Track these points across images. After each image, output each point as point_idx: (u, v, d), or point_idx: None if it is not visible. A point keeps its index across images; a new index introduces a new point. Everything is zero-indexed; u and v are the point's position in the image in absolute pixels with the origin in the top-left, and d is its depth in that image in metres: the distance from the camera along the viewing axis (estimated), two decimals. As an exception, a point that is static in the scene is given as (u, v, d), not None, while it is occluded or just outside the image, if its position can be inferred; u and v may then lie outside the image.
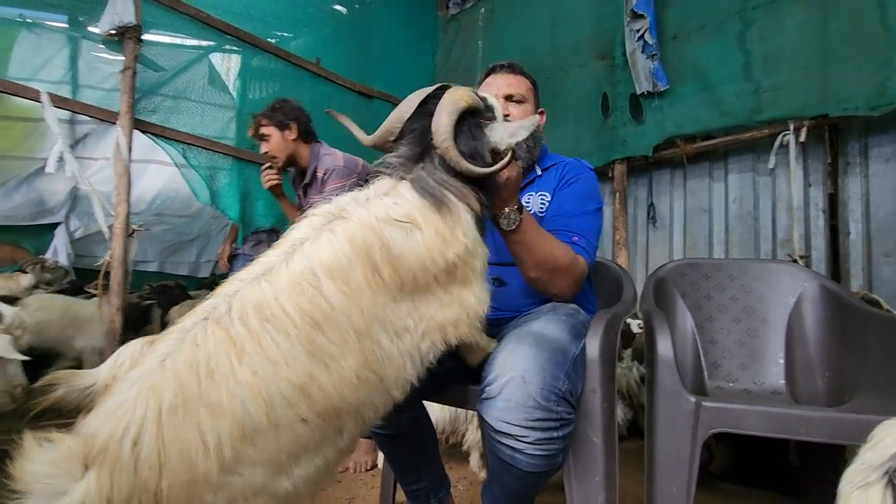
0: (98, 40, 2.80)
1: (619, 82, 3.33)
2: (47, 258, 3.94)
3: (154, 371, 0.71)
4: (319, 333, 0.78)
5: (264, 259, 0.86)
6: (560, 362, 1.10)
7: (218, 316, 0.77)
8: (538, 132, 1.46)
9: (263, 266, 0.84)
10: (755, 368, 1.81)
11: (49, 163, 2.20)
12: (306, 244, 0.85)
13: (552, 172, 1.45)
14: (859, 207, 2.66)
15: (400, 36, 4.31)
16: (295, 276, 0.81)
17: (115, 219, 2.33)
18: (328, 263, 0.83)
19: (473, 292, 1.01)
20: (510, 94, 1.44)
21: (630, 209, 3.43)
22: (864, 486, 0.77)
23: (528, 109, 1.45)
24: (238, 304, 0.78)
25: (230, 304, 0.78)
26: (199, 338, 0.74)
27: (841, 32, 2.55)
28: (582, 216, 1.34)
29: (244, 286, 0.81)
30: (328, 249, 0.84)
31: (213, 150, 2.85)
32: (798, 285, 1.83)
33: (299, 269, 0.82)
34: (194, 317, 0.78)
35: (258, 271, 0.83)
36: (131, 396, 0.69)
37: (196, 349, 0.73)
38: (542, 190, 1.42)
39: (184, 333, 0.75)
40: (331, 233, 0.86)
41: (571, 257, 1.25)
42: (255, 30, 3.20)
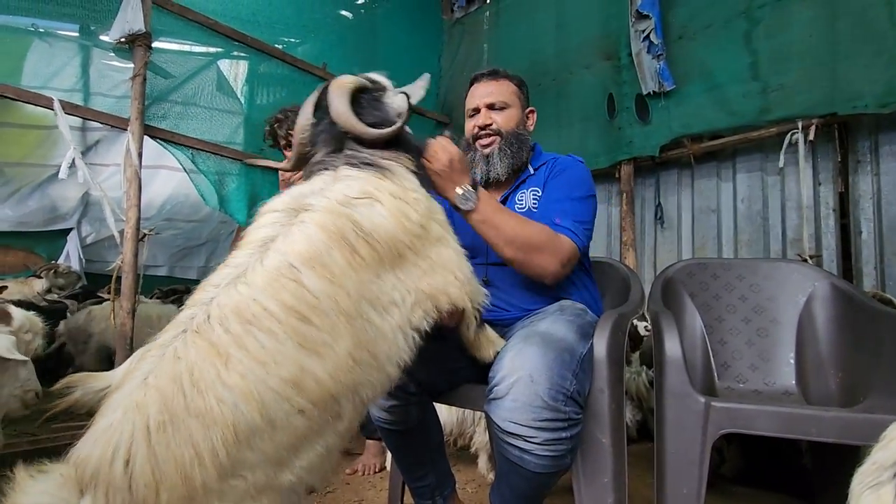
0: (109, 48, 2.85)
1: (624, 83, 3.32)
2: (60, 263, 4.01)
3: (137, 389, 0.71)
4: (307, 325, 0.78)
5: (234, 261, 0.86)
6: (567, 362, 1.10)
7: (197, 326, 0.76)
8: (524, 133, 1.46)
9: (236, 269, 0.84)
10: (766, 369, 1.79)
11: (62, 169, 2.23)
12: (277, 241, 0.86)
13: (543, 170, 1.46)
14: (870, 206, 2.63)
15: (405, 40, 4.33)
16: (272, 273, 0.81)
17: (125, 224, 2.35)
18: (306, 254, 0.83)
19: (451, 247, 1.03)
20: (491, 103, 1.45)
21: (637, 210, 3.41)
22: (876, 486, 0.76)
23: (513, 114, 1.46)
24: (216, 311, 0.77)
25: (208, 312, 0.77)
26: (180, 350, 0.74)
27: (849, 30, 2.53)
28: (566, 201, 1.34)
29: (220, 292, 0.80)
30: (303, 241, 0.84)
31: (222, 155, 2.88)
32: (808, 284, 1.81)
33: (275, 266, 0.82)
34: (173, 330, 0.78)
35: (231, 275, 0.82)
36: (117, 418, 0.69)
37: (178, 362, 0.72)
38: (534, 186, 1.43)
39: (163, 349, 0.75)
40: (302, 224, 0.87)
41: (549, 234, 1.24)
42: (262, 36, 3.23)
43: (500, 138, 1.43)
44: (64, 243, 4.54)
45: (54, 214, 4.52)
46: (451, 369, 1.34)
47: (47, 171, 4.30)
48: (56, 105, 2.19)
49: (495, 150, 1.43)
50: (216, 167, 2.94)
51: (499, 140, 1.43)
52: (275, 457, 0.76)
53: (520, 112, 1.48)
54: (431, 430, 1.40)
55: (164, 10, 2.61)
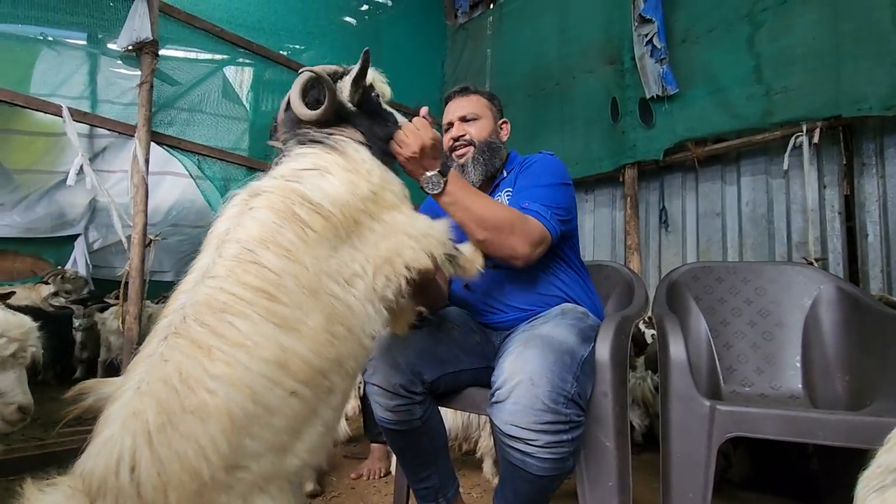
0: (116, 56, 2.88)
1: (628, 87, 3.33)
2: (67, 269, 4.04)
3: (132, 399, 0.71)
4: (276, 303, 0.79)
5: (198, 264, 0.86)
6: (568, 364, 1.10)
7: (175, 328, 0.77)
8: (497, 142, 1.51)
9: (199, 269, 0.84)
10: (771, 372, 1.78)
11: (70, 175, 2.26)
12: (231, 232, 0.86)
13: (515, 170, 1.50)
14: (876, 208, 2.62)
15: (409, 45, 4.36)
16: (231, 260, 0.82)
17: (132, 229, 2.38)
18: (258, 236, 0.84)
19: (403, 213, 1.03)
20: (462, 116, 1.51)
21: (642, 214, 3.41)
22: (881, 490, 0.75)
23: (485, 125, 1.50)
24: (190, 311, 0.78)
25: (183, 314, 0.78)
26: (165, 353, 0.75)
27: (852, 32, 2.53)
28: (535, 188, 1.35)
29: (189, 293, 0.81)
30: (254, 225, 0.86)
31: (228, 161, 2.90)
32: (814, 287, 1.80)
33: (233, 253, 0.82)
34: (155, 338, 0.78)
35: (197, 276, 0.83)
36: (116, 428, 0.69)
37: (165, 365, 0.73)
38: (507, 187, 1.47)
39: (150, 357, 0.76)
40: (251, 210, 0.88)
41: (518, 216, 1.25)
42: (267, 43, 3.26)
43: (473, 148, 1.48)
44: (71, 249, 4.58)
45: (62, 220, 4.56)
46: (456, 371, 1.35)
47: (55, 177, 4.34)
48: (65, 112, 2.22)
49: (469, 159, 1.47)
50: (222, 173, 2.96)
51: (472, 150, 1.48)
52: (276, 443, 0.77)
53: (492, 123, 1.53)
54: (435, 431, 1.40)
55: (171, 17, 2.65)
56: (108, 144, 4.50)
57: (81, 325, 3.69)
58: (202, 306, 0.78)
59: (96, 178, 2.31)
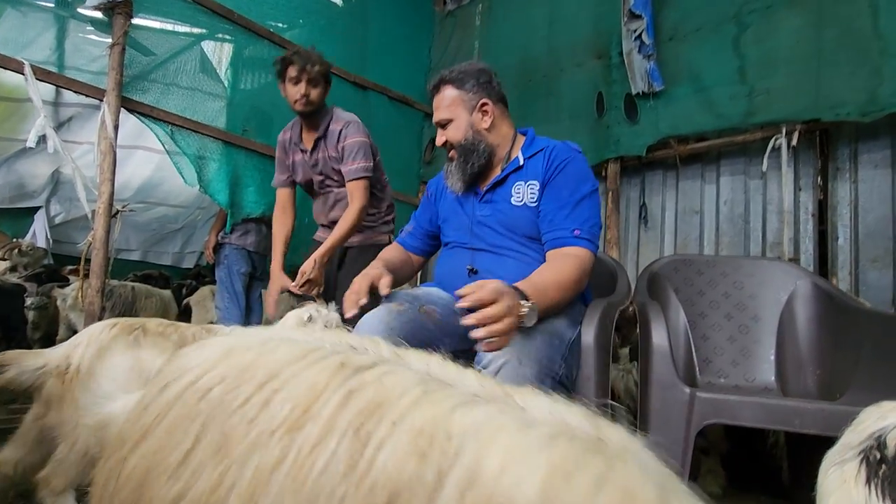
0: (86, 21, 2.73)
1: (614, 82, 3.33)
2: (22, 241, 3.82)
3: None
4: None
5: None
6: (556, 346, 1.09)
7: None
8: (474, 139, 1.45)
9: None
10: (746, 365, 1.81)
11: (30, 137, 2.12)
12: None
13: (539, 159, 1.43)
14: (848, 212, 2.69)
15: (396, 29, 4.27)
16: None
17: (98, 199, 2.25)
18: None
19: None
20: (438, 122, 1.49)
21: (622, 208, 3.43)
22: (841, 463, 0.79)
23: (459, 124, 1.46)
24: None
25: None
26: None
27: (834, 38, 2.58)
28: (578, 204, 1.33)
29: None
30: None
31: (203, 134, 2.78)
32: (790, 283, 1.83)
33: None
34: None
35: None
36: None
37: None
38: (531, 179, 1.41)
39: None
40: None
41: (576, 266, 1.25)
42: (249, 15, 3.14)
43: (457, 153, 1.48)
44: (30, 222, 4.35)
45: (21, 192, 4.32)
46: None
47: (15, 145, 4.11)
48: (27, 70, 2.08)
49: (454, 164, 1.49)
50: (197, 147, 2.84)
51: (457, 155, 1.48)
52: None
53: (466, 118, 1.45)
54: None
55: (146, -22, 2.51)
56: (75, 114, 4.28)
57: (34, 303, 3.47)
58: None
59: (60, 142, 2.17)
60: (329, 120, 2.23)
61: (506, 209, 1.41)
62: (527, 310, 1.09)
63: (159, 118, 2.59)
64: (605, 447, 0.47)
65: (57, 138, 2.17)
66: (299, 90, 2.14)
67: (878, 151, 2.61)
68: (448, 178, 1.51)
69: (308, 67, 2.13)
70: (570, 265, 1.24)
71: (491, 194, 1.45)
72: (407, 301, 1.31)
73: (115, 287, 3.32)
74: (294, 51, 2.22)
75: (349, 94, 3.77)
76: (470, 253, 1.44)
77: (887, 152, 2.59)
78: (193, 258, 5.46)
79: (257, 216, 3.06)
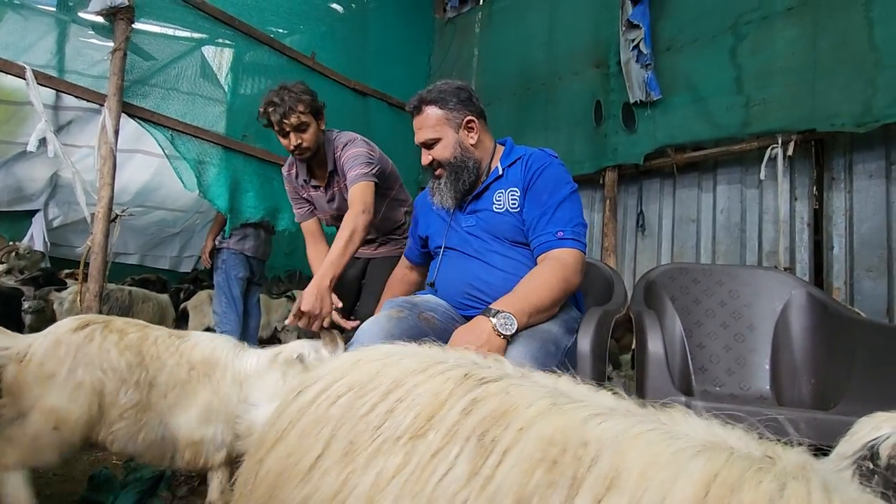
0: (88, 25, 2.74)
1: (612, 90, 3.36)
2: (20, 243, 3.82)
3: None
4: None
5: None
6: (552, 353, 1.10)
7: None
8: (462, 157, 1.45)
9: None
10: (742, 373, 1.81)
11: (31, 141, 2.13)
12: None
13: (517, 167, 1.47)
14: (843, 222, 2.71)
15: (396, 36, 4.31)
16: None
17: (97, 203, 2.25)
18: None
19: None
20: (423, 142, 1.47)
21: (619, 216, 3.45)
22: (836, 473, 0.78)
23: (446, 143, 1.46)
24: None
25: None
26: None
27: (830, 50, 2.61)
28: (559, 207, 1.36)
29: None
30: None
31: (202, 139, 2.79)
32: (785, 292, 1.84)
33: None
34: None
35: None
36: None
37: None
38: (511, 186, 1.44)
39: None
40: None
41: (559, 267, 1.28)
42: (250, 21, 3.16)
43: (444, 170, 1.47)
44: (28, 225, 4.35)
45: (19, 195, 4.32)
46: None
47: (14, 148, 4.11)
48: (28, 74, 2.09)
49: (442, 182, 1.48)
50: (197, 151, 2.85)
51: (444, 172, 1.48)
52: None
53: (452, 136, 1.46)
54: None
55: (149, -15, 2.53)
56: (75, 118, 4.29)
57: (32, 307, 3.45)
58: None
59: (60, 146, 2.18)
60: (333, 150, 2.03)
61: (489, 217, 1.44)
62: (501, 321, 1.12)
63: (159, 123, 2.60)
64: (775, 464, 0.44)
65: (57, 142, 2.18)
66: (290, 142, 1.94)
67: (873, 162, 2.64)
68: (435, 195, 1.52)
69: (288, 119, 1.89)
70: (552, 267, 1.28)
71: (474, 205, 1.49)
72: (406, 308, 1.31)
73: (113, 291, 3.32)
74: (268, 100, 1.94)
75: (349, 100, 3.80)
76: (460, 259, 1.46)
77: (882, 163, 2.61)
78: (191, 262, 5.47)
79: (256, 221, 3.07)
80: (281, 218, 3.15)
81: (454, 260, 1.48)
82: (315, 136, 1.95)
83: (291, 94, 1.90)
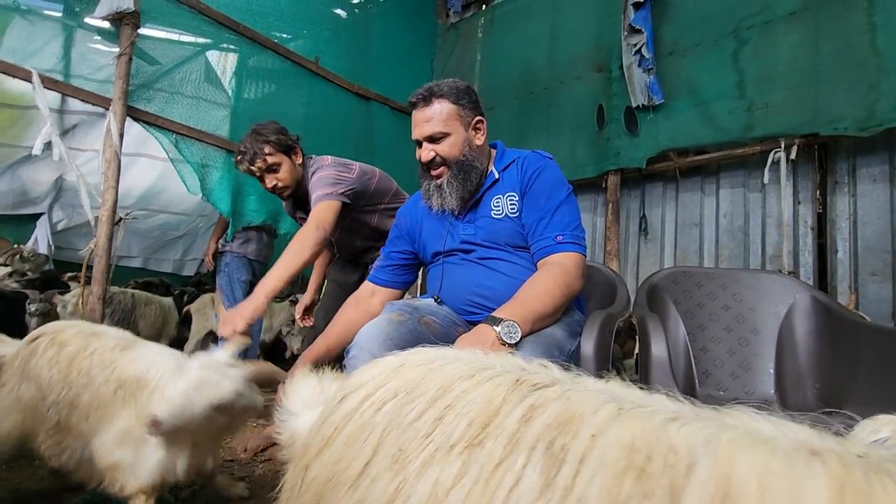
0: (94, 31, 2.76)
1: (614, 95, 3.37)
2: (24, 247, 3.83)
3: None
4: None
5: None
6: (556, 357, 1.09)
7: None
8: (470, 156, 1.40)
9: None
10: (746, 378, 1.80)
11: (36, 144, 2.14)
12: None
13: (513, 171, 1.44)
14: (847, 226, 2.70)
15: (399, 41, 4.33)
16: None
17: (101, 206, 2.26)
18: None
19: None
20: (429, 136, 1.38)
21: (622, 220, 3.45)
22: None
23: (455, 140, 1.39)
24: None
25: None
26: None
27: (832, 54, 2.61)
28: (557, 210, 1.34)
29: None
30: None
31: (206, 142, 2.81)
32: (789, 296, 1.83)
33: None
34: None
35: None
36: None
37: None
38: (509, 191, 1.41)
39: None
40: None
41: (560, 273, 1.26)
42: (254, 27, 3.18)
43: (447, 168, 1.40)
44: (33, 228, 4.36)
45: (24, 198, 4.34)
46: None
47: (19, 152, 4.13)
48: (35, 78, 2.11)
49: (445, 181, 1.40)
50: (200, 155, 2.87)
51: (446, 171, 1.40)
52: None
53: (462, 133, 1.40)
54: None
55: (154, -10, 2.55)
56: (80, 122, 4.32)
57: (38, 310, 3.46)
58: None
59: (65, 149, 2.19)
60: (307, 179, 1.99)
61: (488, 224, 1.41)
62: (506, 329, 1.10)
63: (164, 126, 2.62)
64: (883, 465, 0.40)
65: (63, 146, 2.19)
66: (266, 185, 1.95)
67: (877, 166, 2.64)
68: (433, 198, 1.43)
69: (255, 164, 1.89)
70: (554, 272, 1.26)
71: (473, 213, 1.44)
72: (407, 312, 1.31)
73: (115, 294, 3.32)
74: (238, 149, 1.95)
75: (352, 104, 3.81)
76: (463, 266, 1.43)
77: (885, 167, 2.61)
78: (194, 266, 5.47)
79: (258, 224, 3.07)
80: (283, 221, 3.16)
81: (456, 267, 1.45)
82: (290, 173, 1.95)
83: (258, 137, 1.90)
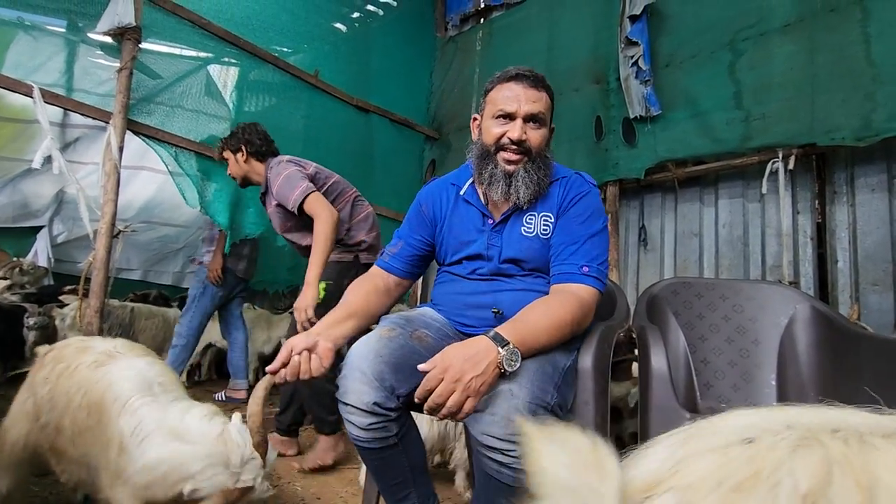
0: (96, 45, 2.80)
1: (612, 106, 3.39)
2: (23, 260, 3.83)
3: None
4: None
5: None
6: (549, 374, 1.08)
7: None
8: (549, 156, 1.32)
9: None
10: (747, 390, 1.78)
11: (36, 158, 2.15)
12: None
13: (556, 190, 1.33)
14: (846, 236, 2.70)
15: (398, 54, 4.37)
16: None
17: (101, 218, 2.27)
18: None
19: None
20: (533, 114, 1.25)
21: (621, 231, 3.45)
22: None
23: (545, 134, 1.30)
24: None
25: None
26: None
27: (827, 65, 2.63)
28: (589, 240, 1.26)
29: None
30: None
31: (206, 155, 2.82)
32: (790, 307, 1.82)
33: None
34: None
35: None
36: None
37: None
38: (545, 211, 1.32)
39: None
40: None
41: (576, 306, 1.17)
42: (254, 41, 3.22)
43: (527, 159, 1.26)
44: (33, 241, 4.37)
45: (25, 211, 4.36)
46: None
47: (20, 165, 4.16)
48: (35, 93, 2.13)
49: (520, 171, 1.26)
50: (200, 168, 2.88)
51: (526, 161, 1.26)
52: None
53: (548, 132, 1.32)
54: (413, 447, 1.33)
55: (156, 5, 2.58)
56: (81, 135, 4.35)
57: (36, 323, 3.45)
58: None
59: (65, 163, 2.20)
60: (267, 175, 2.23)
61: (514, 240, 1.30)
62: (508, 356, 1.02)
63: (163, 140, 2.63)
64: None
65: (63, 160, 2.20)
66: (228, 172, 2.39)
67: (875, 175, 2.64)
68: (498, 183, 1.27)
69: (217, 155, 2.37)
70: (570, 304, 1.16)
71: (503, 225, 1.33)
72: (399, 326, 1.27)
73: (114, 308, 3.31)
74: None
75: (352, 116, 3.84)
76: (484, 283, 1.35)
77: (883, 176, 2.61)
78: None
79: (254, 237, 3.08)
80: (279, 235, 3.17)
81: (470, 275, 1.37)
82: (235, 168, 2.32)
83: (222, 139, 2.36)
